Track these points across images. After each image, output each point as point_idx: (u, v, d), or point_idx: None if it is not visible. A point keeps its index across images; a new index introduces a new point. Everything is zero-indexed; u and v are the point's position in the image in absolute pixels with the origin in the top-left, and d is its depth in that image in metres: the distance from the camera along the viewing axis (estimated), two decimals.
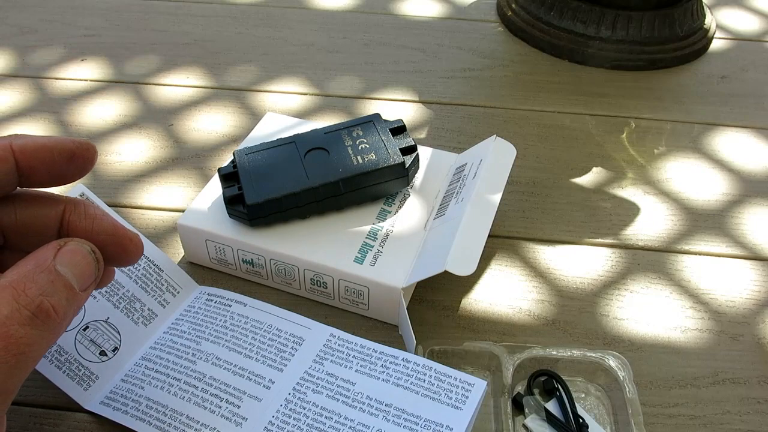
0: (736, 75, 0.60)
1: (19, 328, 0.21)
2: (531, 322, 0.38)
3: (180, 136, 0.51)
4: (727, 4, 0.71)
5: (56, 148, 0.25)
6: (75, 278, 0.24)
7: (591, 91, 0.57)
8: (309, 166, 0.39)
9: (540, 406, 0.33)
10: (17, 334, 0.21)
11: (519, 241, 0.43)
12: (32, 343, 0.22)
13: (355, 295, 0.37)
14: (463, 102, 0.55)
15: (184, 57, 0.59)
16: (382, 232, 0.38)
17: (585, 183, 0.48)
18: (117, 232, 0.26)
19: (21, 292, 0.22)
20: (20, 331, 0.22)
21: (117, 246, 0.26)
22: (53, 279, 0.23)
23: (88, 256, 0.24)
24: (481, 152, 0.41)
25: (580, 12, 0.60)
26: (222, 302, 0.35)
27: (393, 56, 0.61)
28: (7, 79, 0.56)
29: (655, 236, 0.44)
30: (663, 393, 0.35)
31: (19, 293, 0.22)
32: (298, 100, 0.55)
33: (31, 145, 0.24)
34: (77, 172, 0.26)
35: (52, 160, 0.25)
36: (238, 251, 0.38)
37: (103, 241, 0.26)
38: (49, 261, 0.23)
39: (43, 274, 0.23)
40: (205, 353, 0.33)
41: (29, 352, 0.22)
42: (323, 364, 0.32)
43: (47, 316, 0.22)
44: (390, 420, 0.29)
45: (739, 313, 0.39)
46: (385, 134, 0.41)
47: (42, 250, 0.24)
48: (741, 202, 0.47)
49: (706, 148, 0.51)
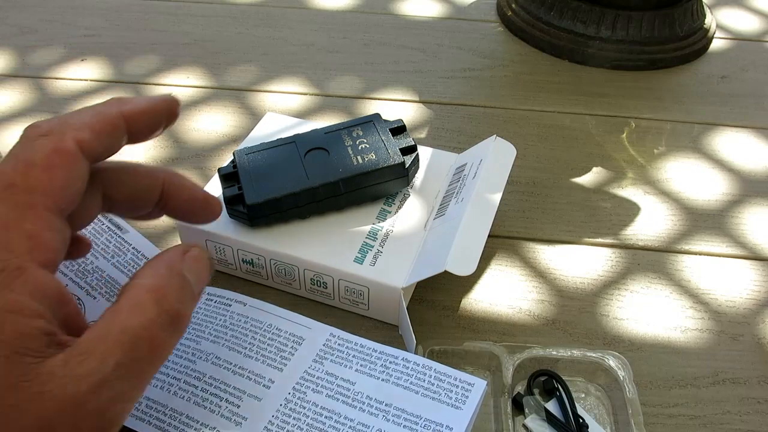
0: (736, 75, 0.60)
1: (160, 332, 0.22)
2: (531, 322, 0.38)
3: (180, 136, 0.51)
4: (727, 4, 0.71)
5: (155, 110, 0.27)
6: (196, 285, 0.25)
7: (591, 91, 0.57)
8: (309, 166, 0.39)
9: (540, 406, 0.33)
10: (160, 337, 0.22)
11: (519, 241, 0.43)
12: (169, 346, 0.23)
13: (355, 295, 0.37)
14: (463, 102, 0.55)
15: (184, 57, 0.59)
16: (382, 232, 0.38)
17: (585, 183, 0.48)
18: (207, 199, 0.30)
19: (162, 298, 0.23)
20: (161, 335, 0.23)
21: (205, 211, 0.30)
22: (183, 285, 0.24)
23: (207, 263, 0.26)
24: (481, 152, 0.41)
25: (580, 12, 0.60)
26: (222, 302, 0.35)
27: (393, 56, 0.61)
28: (7, 79, 0.56)
29: (655, 236, 0.44)
30: (663, 393, 0.35)
31: (160, 298, 0.23)
32: (298, 100, 0.55)
33: (137, 110, 0.26)
34: (167, 127, 0.28)
35: (153, 122, 0.27)
36: (238, 251, 0.38)
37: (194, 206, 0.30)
38: (179, 265, 0.24)
39: (175, 279, 0.24)
40: (205, 353, 0.33)
41: (165, 354, 0.23)
42: (323, 363, 0.32)
43: (181, 322, 0.23)
44: (390, 420, 0.29)
45: (739, 313, 0.39)
46: (385, 134, 0.41)
47: (171, 254, 0.25)
48: (741, 202, 0.47)
49: (706, 148, 0.51)
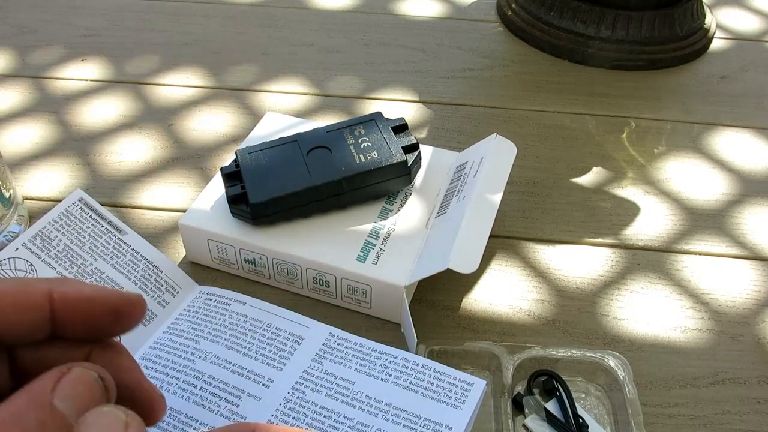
0: (736, 75, 0.60)
1: None
2: (531, 322, 0.38)
3: (180, 136, 0.51)
4: (727, 4, 0.71)
5: (98, 301, 0.22)
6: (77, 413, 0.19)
7: (591, 91, 0.57)
8: (311, 165, 0.39)
9: (540, 406, 0.33)
10: None
11: (519, 241, 0.43)
12: None
13: (357, 293, 0.37)
14: (463, 102, 0.55)
15: (184, 57, 0.59)
16: (384, 231, 0.38)
17: (585, 183, 0.48)
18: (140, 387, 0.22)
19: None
20: None
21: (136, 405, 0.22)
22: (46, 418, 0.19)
23: (94, 385, 0.20)
24: (481, 150, 0.41)
25: (580, 12, 0.60)
26: (221, 301, 0.35)
27: (393, 56, 0.61)
28: (7, 79, 0.56)
29: (655, 236, 0.44)
30: (663, 393, 0.35)
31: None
32: (298, 100, 0.55)
33: (72, 295, 0.21)
34: (118, 329, 0.22)
35: (92, 314, 0.22)
36: (240, 251, 0.38)
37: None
38: (46, 394, 0.19)
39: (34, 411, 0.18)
40: (204, 352, 0.33)
41: None
42: (322, 363, 0.32)
43: None
44: (389, 419, 0.29)
45: (739, 313, 0.39)
46: (387, 132, 0.41)
47: (39, 381, 0.19)
48: (741, 202, 0.47)
49: (706, 148, 0.51)
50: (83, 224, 0.36)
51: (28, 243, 0.34)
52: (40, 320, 0.21)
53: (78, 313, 0.21)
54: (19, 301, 0.20)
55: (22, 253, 0.33)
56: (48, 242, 0.34)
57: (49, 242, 0.34)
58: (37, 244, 0.34)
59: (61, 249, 0.34)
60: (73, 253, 0.35)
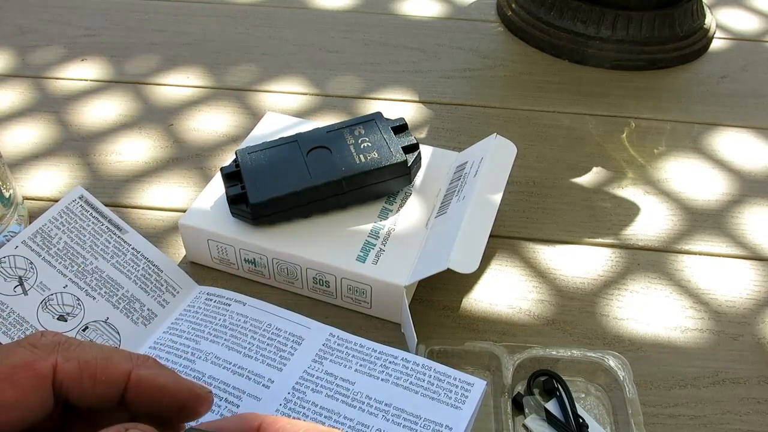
0: (736, 75, 0.60)
1: None
2: (531, 322, 0.38)
3: (180, 136, 0.51)
4: (727, 4, 0.71)
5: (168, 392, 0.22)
6: None
7: (591, 91, 0.57)
8: (312, 165, 0.39)
9: (540, 406, 0.33)
10: None
11: (519, 241, 0.43)
12: None
13: (357, 293, 0.37)
14: (463, 102, 0.55)
15: (184, 57, 0.59)
16: (384, 231, 0.38)
17: (585, 183, 0.48)
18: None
19: None
20: None
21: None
22: None
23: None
24: (481, 150, 0.41)
25: (580, 12, 0.60)
26: (221, 301, 0.35)
27: (393, 56, 0.61)
28: (7, 79, 0.56)
29: (655, 236, 0.44)
30: (663, 393, 0.35)
31: None
32: (298, 100, 0.55)
33: (147, 380, 0.22)
34: (176, 420, 0.23)
35: (160, 402, 0.22)
36: (240, 251, 0.38)
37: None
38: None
39: None
40: (205, 352, 0.33)
41: None
42: (323, 363, 0.32)
43: None
44: (389, 419, 0.29)
45: (739, 313, 0.39)
46: (387, 132, 0.41)
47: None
48: (741, 202, 0.47)
49: (706, 148, 0.51)
50: (84, 222, 0.36)
51: (28, 241, 0.34)
52: (113, 395, 0.22)
53: (148, 397, 0.22)
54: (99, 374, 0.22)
55: (22, 251, 0.33)
56: (48, 240, 0.34)
57: (49, 240, 0.34)
58: (37, 242, 0.34)
59: (62, 247, 0.34)
60: (74, 252, 0.35)
